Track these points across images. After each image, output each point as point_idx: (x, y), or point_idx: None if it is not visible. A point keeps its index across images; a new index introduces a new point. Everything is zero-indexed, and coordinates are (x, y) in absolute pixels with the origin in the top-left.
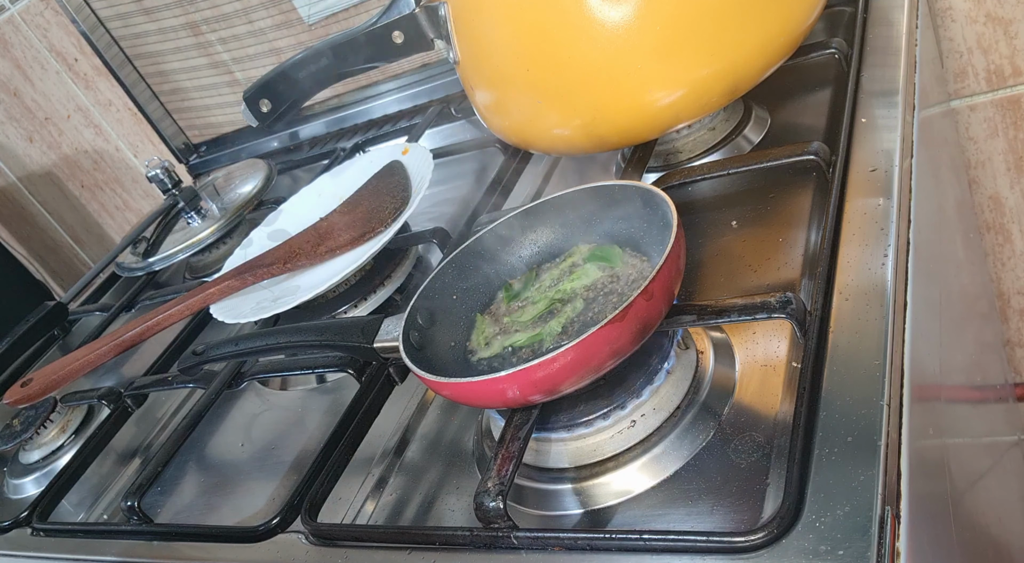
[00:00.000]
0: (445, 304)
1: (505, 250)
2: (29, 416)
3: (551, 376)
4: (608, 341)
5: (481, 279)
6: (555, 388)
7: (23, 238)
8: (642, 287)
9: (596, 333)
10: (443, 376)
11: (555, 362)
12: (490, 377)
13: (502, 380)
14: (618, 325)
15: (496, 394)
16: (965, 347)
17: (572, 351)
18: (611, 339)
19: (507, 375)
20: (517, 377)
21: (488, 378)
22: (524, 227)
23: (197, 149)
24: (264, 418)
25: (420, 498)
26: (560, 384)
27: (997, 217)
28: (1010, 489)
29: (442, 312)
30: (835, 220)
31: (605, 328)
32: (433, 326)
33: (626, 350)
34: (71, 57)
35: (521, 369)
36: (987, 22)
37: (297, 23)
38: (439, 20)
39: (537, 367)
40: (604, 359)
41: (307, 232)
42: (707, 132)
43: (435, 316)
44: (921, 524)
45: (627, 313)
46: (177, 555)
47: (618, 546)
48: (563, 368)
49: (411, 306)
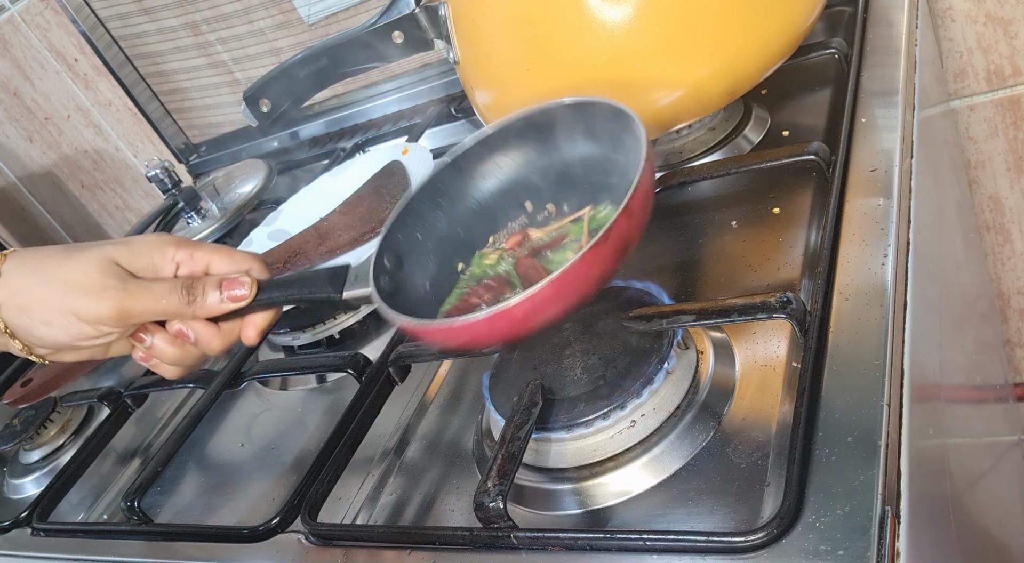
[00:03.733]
0: (411, 245)
1: (467, 182)
2: (29, 416)
3: (545, 302)
4: (596, 262)
5: (445, 214)
6: (541, 320)
7: (23, 238)
8: (622, 205)
9: (584, 256)
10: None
11: (547, 290)
12: (486, 314)
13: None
14: (602, 247)
15: (489, 330)
16: (965, 347)
17: (562, 276)
18: (598, 260)
19: (502, 310)
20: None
21: (484, 315)
22: (483, 157)
23: (197, 149)
24: (264, 418)
25: (420, 498)
26: (552, 311)
27: (997, 217)
28: (1010, 489)
29: (409, 253)
30: (835, 220)
31: (591, 251)
32: (401, 269)
33: (611, 272)
34: (71, 57)
35: (519, 301)
36: (987, 22)
37: (297, 23)
38: (439, 20)
39: (531, 297)
40: (592, 283)
41: (307, 232)
42: (707, 132)
43: (402, 258)
44: (921, 524)
45: (610, 234)
46: (177, 555)
47: (618, 546)
48: (553, 295)
49: (376, 250)
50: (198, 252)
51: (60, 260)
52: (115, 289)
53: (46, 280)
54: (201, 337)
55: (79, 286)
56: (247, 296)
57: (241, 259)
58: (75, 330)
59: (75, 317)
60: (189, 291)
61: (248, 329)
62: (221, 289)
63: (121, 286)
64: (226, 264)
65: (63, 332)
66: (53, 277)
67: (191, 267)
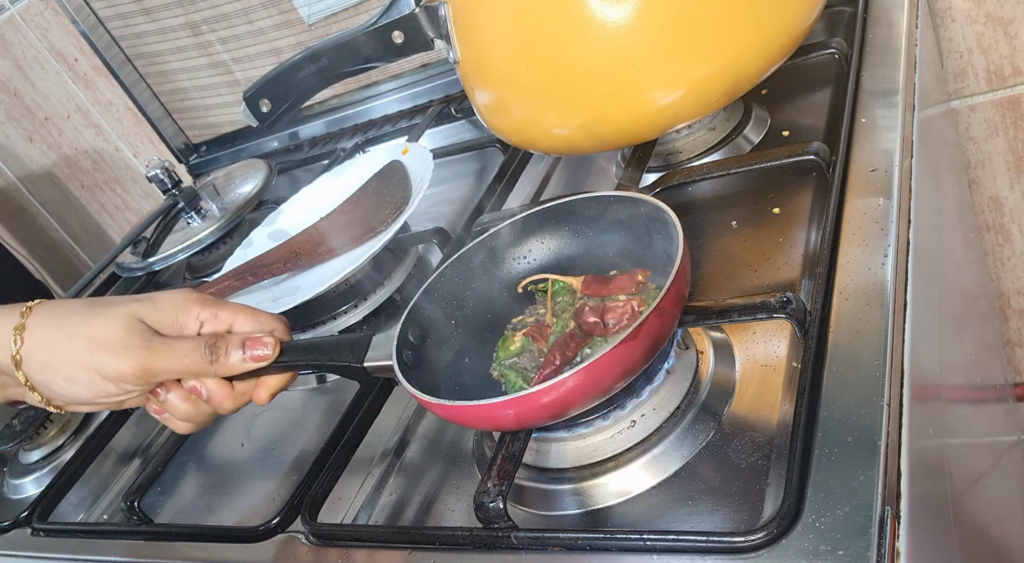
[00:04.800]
0: (436, 321)
1: (495, 263)
2: (29, 416)
3: (561, 398)
4: (620, 360)
5: (473, 293)
6: (564, 410)
7: (23, 238)
8: (656, 302)
9: (610, 353)
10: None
11: (567, 382)
12: (499, 400)
13: (510, 403)
14: (631, 344)
15: (503, 417)
16: (965, 347)
17: (585, 371)
18: (623, 357)
19: (516, 398)
20: (527, 399)
21: (497, 401)
22: (515, 238)
23: (197, 149)
24: (264, 418)
25: (420, 498)
26: (569, 406)
27: (997, 217)
28: (1010, 489)
29: (434, 329)
30: (835, 220)
31: (618, 347)
32: (425, 343)
33: (637, 368)
34: (71, 57)
35: (532, 391)
36: (987, 22)
37: (297, 23)
38: (439, 20)
39: (549, 389)
40: (616, 379)
41: (307, 232)
42: (707, 132)
43: (427, 333)
44: (921, 524)
45: (640, 331)
46: (177, 555)
47: (618, 546)
48: (575, 389)
49: (402, 323)
50: (222, 311)
51: (85, 316)
52: (139, 348)
53: (70, 336)
54: (213, 396)
55: (104, 344)
56: (270, 356)
57: (265, 320)
58: (97, 388)
59: (98, 375)
60: (212, 350)
61: (260, 390)
62: (244, 349)
63: (146, 345)
64: (250, 324)
65: (85, 389)
66: (78, 333)
67: (215, 326)
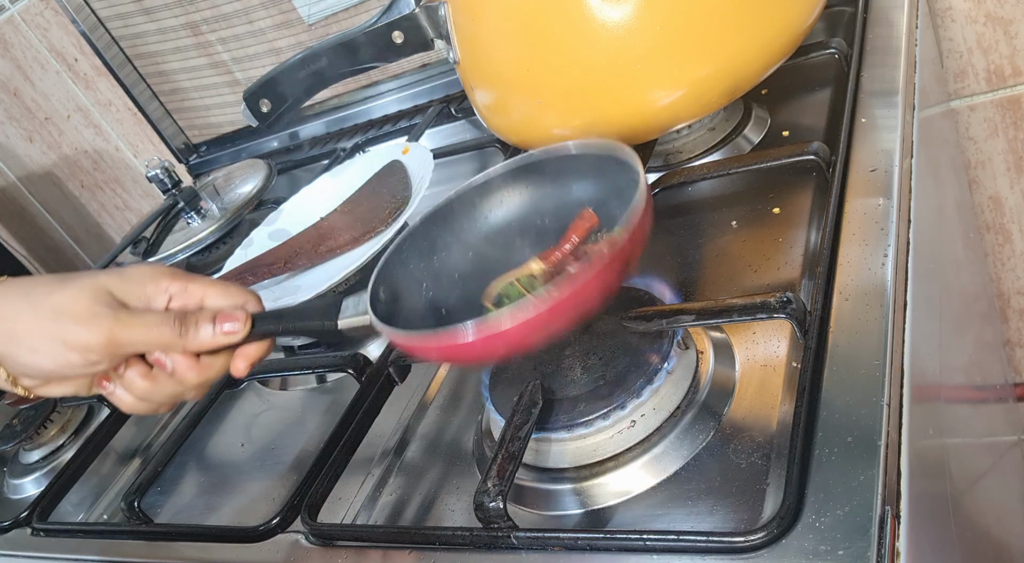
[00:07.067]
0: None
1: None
2: (29, 416)
3: (543, 318)
4: (597, 279)
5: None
6: (547, 331)
7: (23, 238)
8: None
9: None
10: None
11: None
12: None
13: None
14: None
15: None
16: (965, 347)
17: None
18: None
19: (497, 319)
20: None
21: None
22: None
23: (197, 149)
24: (264, 418)
25: (420, 498)
26: (552, 326)
27: (997, 217)
28: (1010, 489)
29: (404, 287)
30: (835, 220)
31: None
32: (397, 302)
33: (614, 287)
34: (71, 57)
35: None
36: (987, 22)
37: (297, 23)
38: (439, 20)
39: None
40: (593, 300)
41: (307, 232)
42: (707, 132)
43: (397, 291)
44: (921, 524)
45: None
46: (177, 555)
47: (618, 546)
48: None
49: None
50: (192, 285)
51: (52, 288)
52: (105, 317)
53: (35, 306)
54: (178, 368)
55: (69, 313)
56: (240, 331)
57: (236, 293)
58: (62, 358)
59: (63, 345)
60: (182, 322)
61: (239, 360)
62: (215, 323)
63: (112, 314)
64: (221, 298)
65: (50, 360)
66: (43, 304)
67: (184, 300)
